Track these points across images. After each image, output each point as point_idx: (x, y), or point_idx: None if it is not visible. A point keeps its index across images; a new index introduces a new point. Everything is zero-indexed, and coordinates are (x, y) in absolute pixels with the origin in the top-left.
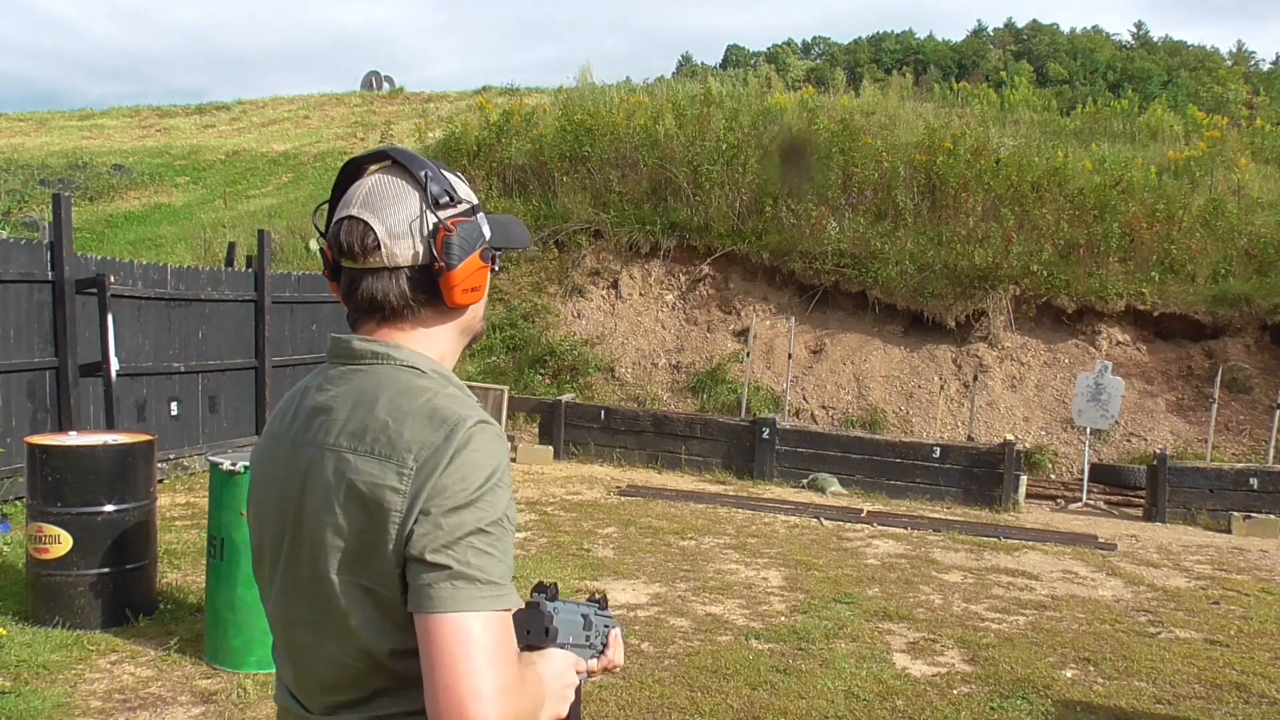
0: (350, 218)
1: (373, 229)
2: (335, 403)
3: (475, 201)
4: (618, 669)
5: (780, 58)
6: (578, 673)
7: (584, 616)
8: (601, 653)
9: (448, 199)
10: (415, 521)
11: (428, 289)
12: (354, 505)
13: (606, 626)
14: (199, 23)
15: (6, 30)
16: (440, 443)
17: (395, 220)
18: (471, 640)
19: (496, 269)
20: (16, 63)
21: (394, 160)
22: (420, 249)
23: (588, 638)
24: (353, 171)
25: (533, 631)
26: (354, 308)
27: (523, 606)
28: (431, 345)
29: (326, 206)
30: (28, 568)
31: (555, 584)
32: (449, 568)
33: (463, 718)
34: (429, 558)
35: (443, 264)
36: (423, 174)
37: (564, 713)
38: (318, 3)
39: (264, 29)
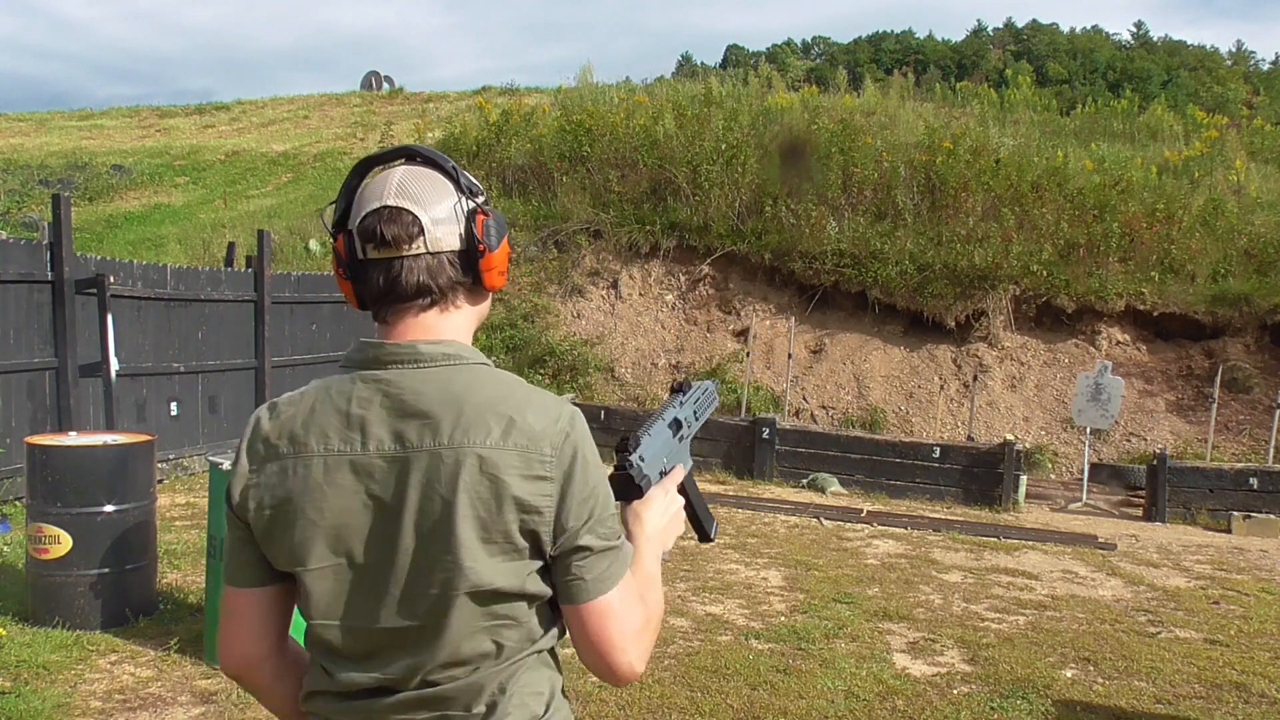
0: (389, 208)
1: (417, 216)
2: (427, 404)
3: (487, 195)
4: None
5: (780, 58)
6: (679, 486)
7: (673, 423)
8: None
9: (477, 189)
10: (571, 509)
11: (468, 271)
12: (494, 494)
13: (701, 396)
14: (211, 24)
15: (19, 32)
16: (565, 431)
17: (437, 206)
18: (617, 610)
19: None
20: (27, 64)
21: (415, 155)
22: (462, 232)
23: (681, 438)
24: (366, 170)
25: (630, 494)
26: (395, 298)
27: (611, 475)
28: (466, 331)
29: (333, 207)
30: (28, 568)
31: (633, 436)
32: (613, 548)
33: (611, 671)
34: (593, 544)
35: (485, 245)
36: (450, 166)
37: (680, 530)
38: (328, 4)
39: (274, 30)
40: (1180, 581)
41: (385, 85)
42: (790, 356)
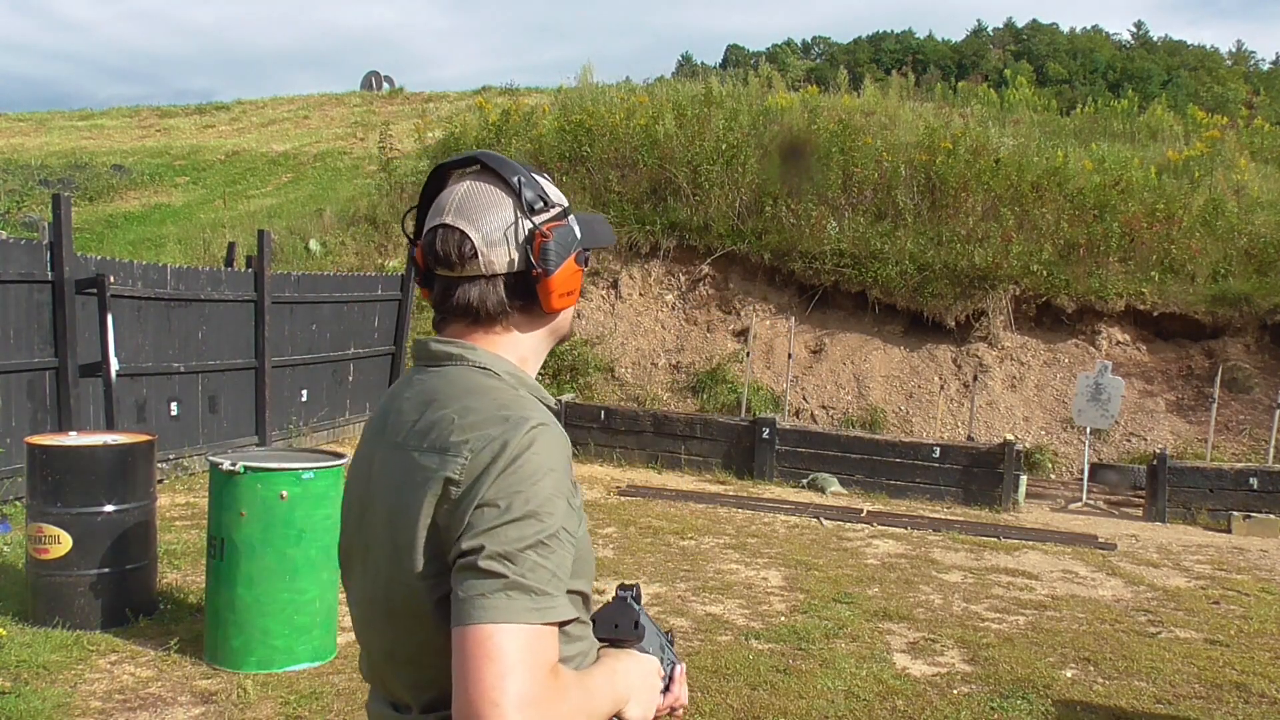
0: (445, 226)
1: (469, 238)
2: (408, 404)
3: (566, 204)
4: (682, 709)
5: (780, 58)
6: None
7: (659, 636)
8: (667, 688)
9: (541, 204)
10: (470, 519)
11: (524, 294)
12: (413, 502)
13: (673, 661)
14: (213, 24)
15: (21, 31)
16: (501, 439)
17: (491, 228)
18: (504, 651)
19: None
20: (28, 64)
21: (484, 165)
22: (516, 256)
23: (662, 660)
24: (441, 177)
25: (621, 625)
26: (446, 313)
27: (607, 602)
28: (515, 348)
29: (414, 213)
30: (28, 568)
31: (637, 585)
32: (505, 577)
33: None
34: (483, 564)
35: (541, 270)
36: (515, 179)
37: (648, 716)
38: (330, 4)
39: (275, 30)
40: (1180, 581)
41: (385, 85)
42: (790, 356)
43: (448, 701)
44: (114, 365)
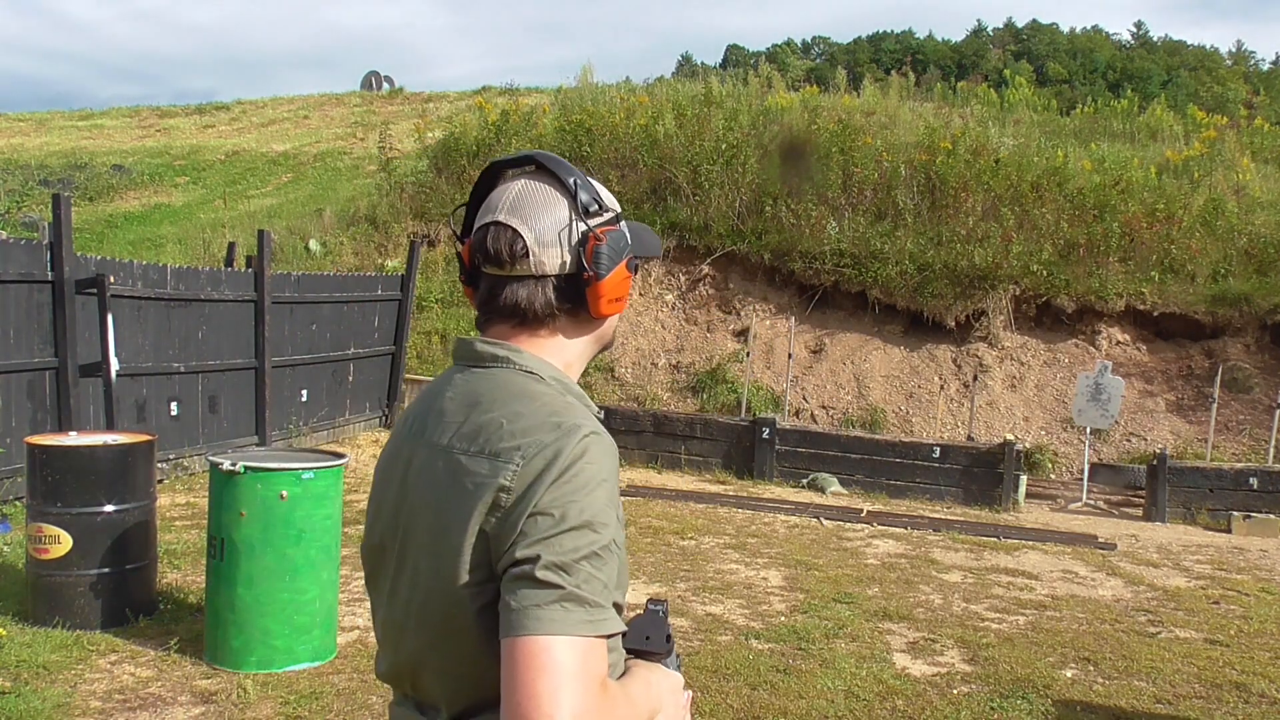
0: (497, 224)
1: (522, 236)
2: (450, 404)
3: (619, 210)
4: None
5: (780, 58)
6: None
7: (676, 655)
8: None
9: (596, 207)
10: (524, 527)
11: (573, 298)
12: (460, 508)
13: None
14: (214, 24)
15: (23, 31)
16: (554, 447)
17: (544, 227)
18: (559, 663)
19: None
20: (30, 64)
21: (540, 165)
22: (568, 258)
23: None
24: (494, 175)
25: (652, 637)
26: (491, 312)
27: (639, 613)
28: (560, 353)
29: (464, 210)
30: (28, 568)
31: (666, 601)
32: (561, 588)
33: None
34: (539, 574)
35: (592, 274)
36: (571, 181)
37: None
38: (331, 4)
39: (278, 31)
40: (1180, 581)
41: (385, 85)
42: (790, 356)
43: (480, 709)
44: (114, 365)
